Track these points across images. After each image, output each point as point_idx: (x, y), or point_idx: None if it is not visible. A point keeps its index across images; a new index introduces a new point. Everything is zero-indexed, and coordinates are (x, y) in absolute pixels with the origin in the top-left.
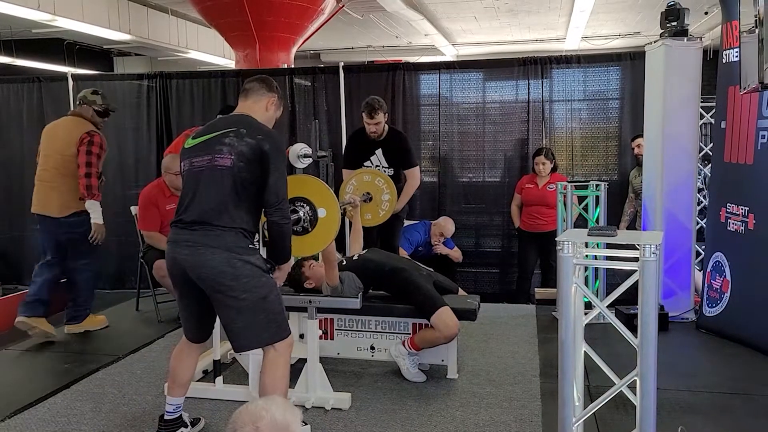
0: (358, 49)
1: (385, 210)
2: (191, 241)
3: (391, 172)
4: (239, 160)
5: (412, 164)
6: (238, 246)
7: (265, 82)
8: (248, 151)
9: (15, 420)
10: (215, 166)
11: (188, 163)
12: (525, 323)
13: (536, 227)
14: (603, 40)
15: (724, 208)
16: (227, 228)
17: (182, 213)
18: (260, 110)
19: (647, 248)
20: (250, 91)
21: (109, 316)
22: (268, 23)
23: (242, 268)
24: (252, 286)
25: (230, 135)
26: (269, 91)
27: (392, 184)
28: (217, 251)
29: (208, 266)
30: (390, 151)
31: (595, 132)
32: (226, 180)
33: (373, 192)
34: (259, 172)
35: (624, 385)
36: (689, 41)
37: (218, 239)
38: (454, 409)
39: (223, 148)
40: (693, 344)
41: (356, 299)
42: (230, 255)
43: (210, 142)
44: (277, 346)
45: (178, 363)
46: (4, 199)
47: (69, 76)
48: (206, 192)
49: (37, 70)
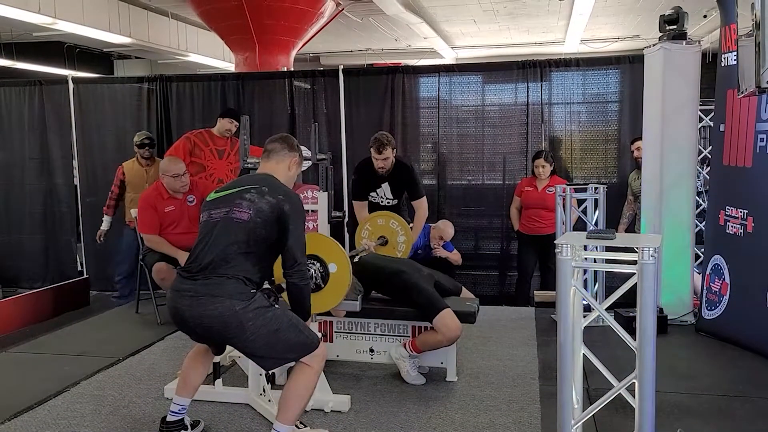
0: (358, 52)
1: (401, 251)
2: (192, 291)
3: (395, 202)
4: (257, 215)
5: (419, 196)
6: (239, 293)
7: (287, 141)
8: (268, 209)
9: (15, 422)
10: (232, 218)
11: (207, 215)
12: (524, 326)
13: (535, 230)
14: (602, 43)
15: (723, 211)
16: (229, 276)
17: (191, 262)
18: (283, 170)
19: (646, 251)
20: (273, 153)
21: (109, 318)
22: (268, 26)
23: (245, 315)
24: (260, 326)
25: (252, 191)
26: (291, 150)
27: (406, 226)
28: (218, 300)
29: (210, 316)
30: (396, 183)
31: (595, 135)
32: (240, 232)
33: (388, 235)
34: (275, 231)
35: (623, 388)
36: (688, 44)
37: (219, 288)
38: (454, 411)
39: (242, 203)
40: (692, 347)
41: (356, 302)
42: (232, 303)
43: (230, 196)
44: (306, 360)
45: (192, 366)
46: (4, 202)
47: (70, 79)
48: (216, 241)
49: (38, 73)
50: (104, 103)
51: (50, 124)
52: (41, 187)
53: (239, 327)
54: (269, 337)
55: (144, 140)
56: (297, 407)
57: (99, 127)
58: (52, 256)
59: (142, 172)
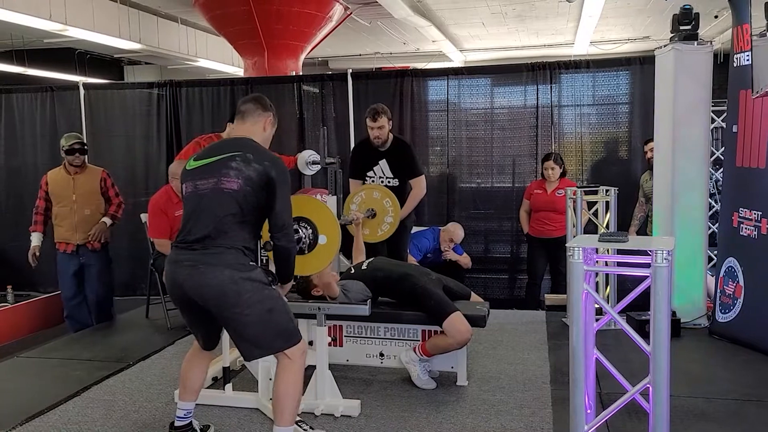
0: (366, 56)
1: (384, 231)
2: (191, 260)
3: (396, 182)
4: (246, 184)
5: (417, 173)
6: (239, 263)
7: (260, 102)
8: (256, 176)
9: (27, 427)
10: (222, 189)
11: (191, 185)
12: (535, 330)
13: (545, 233)
14: (612, 45)
15: (736, 213)
16: (228, 247)
17: (185, 233)
18: (259, 131)
19: (659, 254)
20: (247, 113)
21: (119, 323)
22: (277, 31)
23: (243, 284)
24: (255, 301)
25: (236, 159)
26: (265, 110)
27: (398, 208)
28: (217, 269)
29: (209, 285)
30: (394, 161)
31: (605, 137)
32: (231, 202)
33: (378, 210)
34: (264, 197)
35: (636, 393)
36: (699, 45)
37: (219, 257)
38: (464, 416)
39: (230, 172)
40: (706, 350)
41: (365, 306)
42: (232, 272)
43: (215, 165)
44: (289, 352)
45: (189, 369)
46: (18, 207)
47: (80, 86)
48: (209, 213)
49: (49, 80)
50: (114, 109)
51: (61, 130)
52: None
53: (236, 297)
54: (262, 315)
55: (74, 145)
56: (291, 407)
57: (109, 133)
58: None
59: (68, 181)
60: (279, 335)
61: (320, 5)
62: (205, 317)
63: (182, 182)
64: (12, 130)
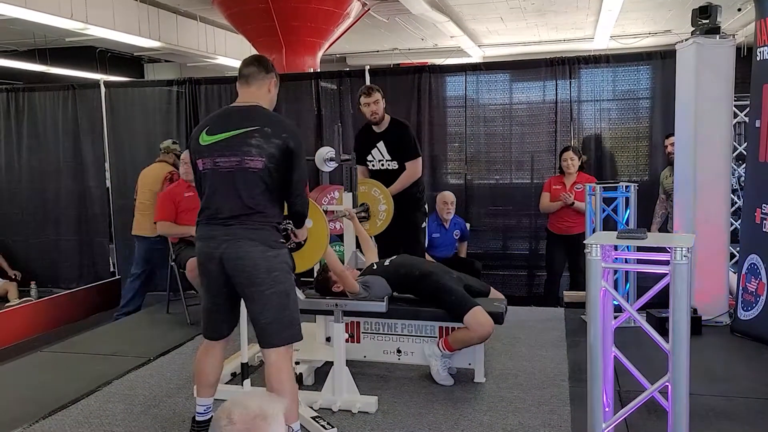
0: (384, 52)
1: (382, 220)
2: (230, 234)
3: (394, 165)
4: (270, 161)
5: (414, 155)
6: (273, 239)
7: (263, 63)
8: (277, 152)
9: (50, 421)
10: (247, 169)
11: (210, 162)
12: (553, 327)
13: (564, 229)
14: (632, 39)
15: (759, 209)
16: (263, 223)
17: (213, 211)
18: (264, 95)
19: (679, 251)
20: (251, 78)
21: (140, 318)
22: (295, 28)
23: (275, 261)
24: (280, 281)
25: (256, 135)
26: (268, 72)
27: (389, 195)
28: (255, 243)
29: (246, 257)
30: (391, 142)
31: (625, 132)
32: (258, 181)
33: (369, 202)
34: (284, 169)
35: (655, 391)
36: (722, 39)
37: (257, 233)
38: (482, 413)
39: (251, 150)
40: (727, 348)
41: (382, 302)
42: (266, 248)
43: (233, 141)
44: (282, 350)
45: (204, 365)
46: (41, 205)
47: (101, 83)
48: (238, 191)
49: (71, 78)
50: (135, 107)
51: (83, 128)
52: (75, 189)
53: (266, 272)
54: (282, 297)
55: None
56: (293, 401)
57: (130, 130)
58: (86, 257)
59: None
60: (291, 325)
61: (338, 2)
62: (230, 296)
63: (197, 157)
64: (35, 128)
